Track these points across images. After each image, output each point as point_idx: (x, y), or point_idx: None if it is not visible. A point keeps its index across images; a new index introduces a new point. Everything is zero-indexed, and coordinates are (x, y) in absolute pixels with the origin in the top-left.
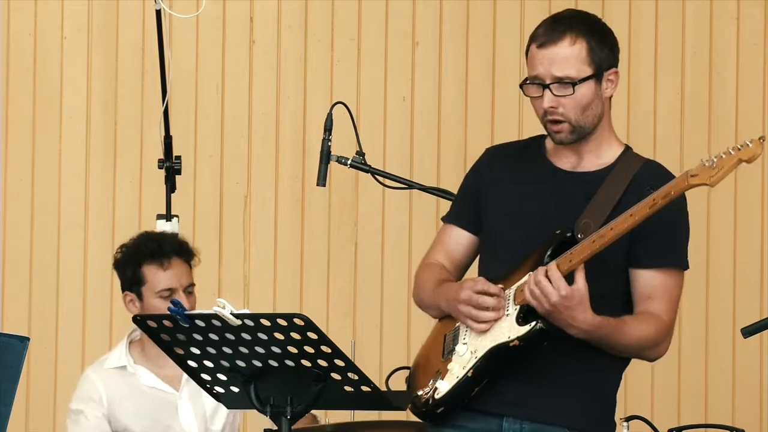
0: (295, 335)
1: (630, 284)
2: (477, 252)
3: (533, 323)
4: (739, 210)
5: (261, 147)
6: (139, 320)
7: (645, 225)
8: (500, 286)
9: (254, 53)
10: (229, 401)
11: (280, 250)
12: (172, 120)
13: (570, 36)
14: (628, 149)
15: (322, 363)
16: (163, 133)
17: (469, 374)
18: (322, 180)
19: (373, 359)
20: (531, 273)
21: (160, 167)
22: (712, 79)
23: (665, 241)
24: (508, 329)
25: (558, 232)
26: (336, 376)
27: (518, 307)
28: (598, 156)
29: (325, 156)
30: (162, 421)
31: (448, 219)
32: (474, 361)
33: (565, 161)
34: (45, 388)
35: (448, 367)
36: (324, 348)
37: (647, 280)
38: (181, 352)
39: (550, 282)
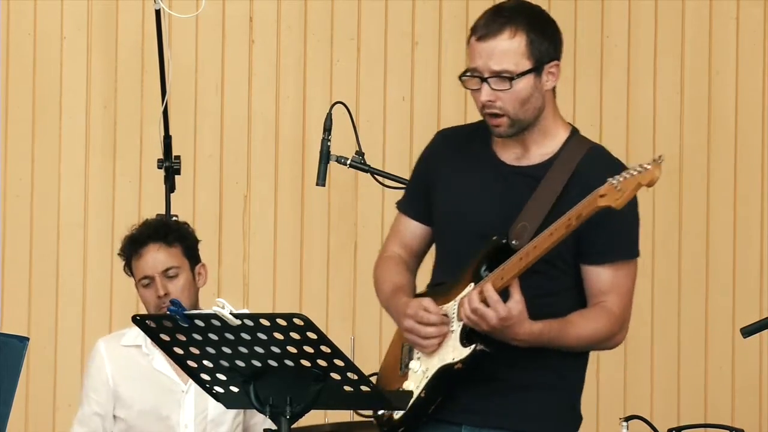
0: (295, 335)
1: (582, 278)
2: (432, 239)
3: (473, 346)
4: (738, 210)
5: (261, 147)
6: (139, 320)
7: (590, 221)
8: (442, 312)
9: (254, 53)
10: (228, 401)
11: (280, 250)
12: (171, 120)
13: (510, 29)
14: (573, 134)
15: (322, 363)
16: (162, 133)
17: (422, 395)
18: (321, 180)
19: (373, 359)
20: (469, 289)
21: (159, 167)
22: (712, 79)
23: (611, 235)
24: (453, 349)
25: (494, 238)
26: (335, 376)
27: (461, 324)
28: (543, 146)
29: (325, 156)
30: (162, 409)
31: (401, 208)
32: (426, 381)
33: (510, 153)
34: (45, 388)
35: (404, 385)
36: (323, 348)
37: (597, 276)
38: (180, 352)
39: (488, 304)
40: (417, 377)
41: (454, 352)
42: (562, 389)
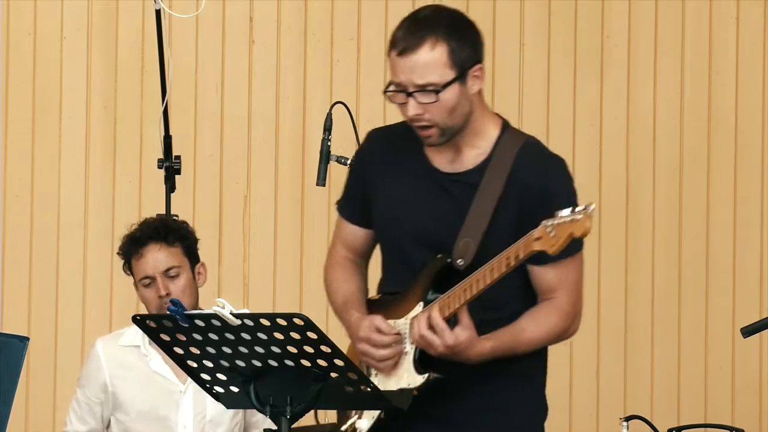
0: (295, 335)
1: (529, 278)
2: (376, 240)
3: (426, 376)
4: (738, 210)
5: (261, 147)
6: (139, 320)
7: (530, 221)
8: (395, 331)
9: (254, 53)
10: (228, 401)
11: (280, 250)
12: (171, 120)
13: (429, 40)
14: (504, 130)
15: (322, 363)
16: (162, 133)
17: (382, 415)
18: (321, 180)
19: None
20: (418, 309)
21: (159, 167)
22: (712, 79)
23: None
24: (408, 374)
25: (438, 257)
26: (335, 375)
27: (414, 347)
28: (475, 147)
29: (325, 156)
30: (160, 410)
31: (340, 211)
32: None
33: (443, 157)
34: (45, 388)
35: None
36: (323, 348)
37: (544, 275)
38: (180, 352)
39: (435, 331)
40: None
41: (409, 378)
42: (530, 389)
